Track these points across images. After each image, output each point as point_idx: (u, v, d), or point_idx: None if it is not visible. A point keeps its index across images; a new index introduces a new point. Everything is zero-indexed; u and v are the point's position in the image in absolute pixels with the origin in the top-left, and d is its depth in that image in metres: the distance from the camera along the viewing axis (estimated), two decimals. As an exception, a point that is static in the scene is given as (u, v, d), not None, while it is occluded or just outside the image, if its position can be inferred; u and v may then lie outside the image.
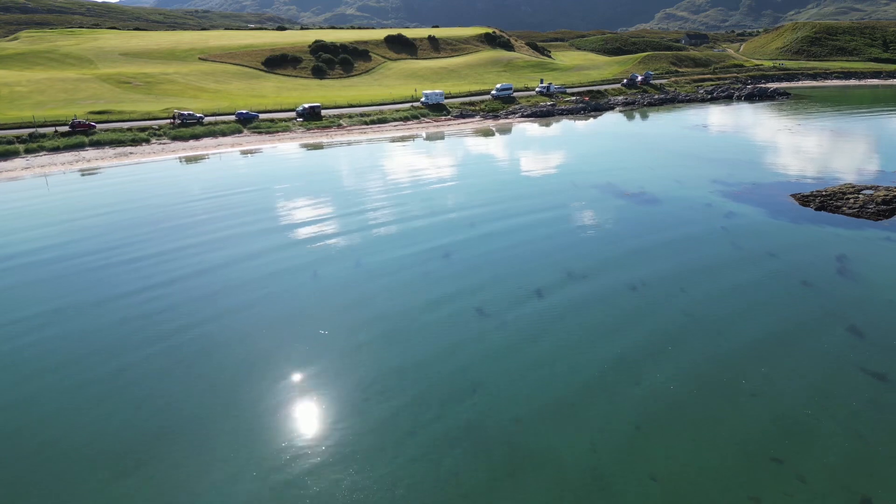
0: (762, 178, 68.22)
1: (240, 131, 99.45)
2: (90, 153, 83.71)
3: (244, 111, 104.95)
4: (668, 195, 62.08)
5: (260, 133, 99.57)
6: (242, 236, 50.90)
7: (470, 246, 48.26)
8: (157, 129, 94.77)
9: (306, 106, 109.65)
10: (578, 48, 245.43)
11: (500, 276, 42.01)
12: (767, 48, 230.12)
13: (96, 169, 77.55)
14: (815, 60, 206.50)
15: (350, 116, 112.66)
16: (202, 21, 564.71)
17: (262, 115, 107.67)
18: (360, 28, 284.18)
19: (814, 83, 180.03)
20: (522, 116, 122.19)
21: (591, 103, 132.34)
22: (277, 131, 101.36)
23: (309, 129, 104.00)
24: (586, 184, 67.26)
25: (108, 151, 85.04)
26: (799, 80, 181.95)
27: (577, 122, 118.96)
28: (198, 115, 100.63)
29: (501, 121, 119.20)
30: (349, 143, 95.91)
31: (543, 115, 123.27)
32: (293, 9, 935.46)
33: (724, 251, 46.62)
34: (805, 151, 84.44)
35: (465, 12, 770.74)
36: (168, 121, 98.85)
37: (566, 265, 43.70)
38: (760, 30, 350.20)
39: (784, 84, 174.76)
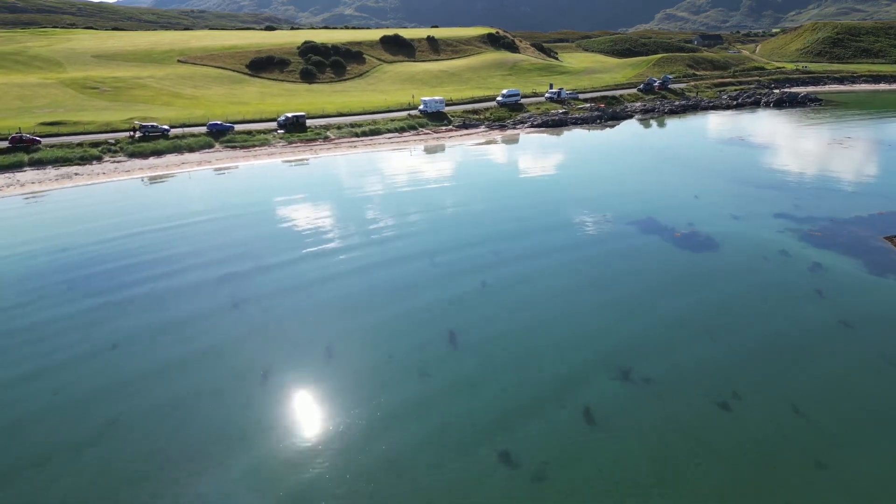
0: (838, 212, 55.39)
1: (210, 146, 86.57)
2: (28, 175, 70.80)
3: (217, 122, 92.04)
4: (728, 237, 49.29)
5: (233, 148, 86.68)
6: (171, 294, 37.97)
7: (473, 330, 35.28)
8: (112, 145, 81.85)
9: (289, 115, 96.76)
10: (586, 49, 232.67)
11: (518, 381, 29.18)
12: (786, 49, 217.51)
13: (32, 195, 64.67)
14: (839, 63, 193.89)
15: (339, 127, 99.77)
16: (197, 21, 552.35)
17: (238, 126, 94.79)
18: (355, 28, 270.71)
19: (840, 87, 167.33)
20: (532, 126, 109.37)
21: (608, 111, 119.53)
22: (254, 145, 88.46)
23: (291, 143, 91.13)
24: (622, 218, 54.41)
25: (50, 172, 72.12)
26: (825, 83, 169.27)
27: (593, 132, 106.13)
28: (163, 126, 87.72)
29: (509, 132, 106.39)
30: (335, 161, 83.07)
31: (555, 124, 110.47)
32: (291, 9, 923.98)
33: (831, 334, 33.90)
34: (873, 173, 71.67)
35: (465, 12, 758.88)
36: (128, 133, 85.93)
37: (613, 357, 30.98)
38: (777, 30, 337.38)
39: (810, 88, 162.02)
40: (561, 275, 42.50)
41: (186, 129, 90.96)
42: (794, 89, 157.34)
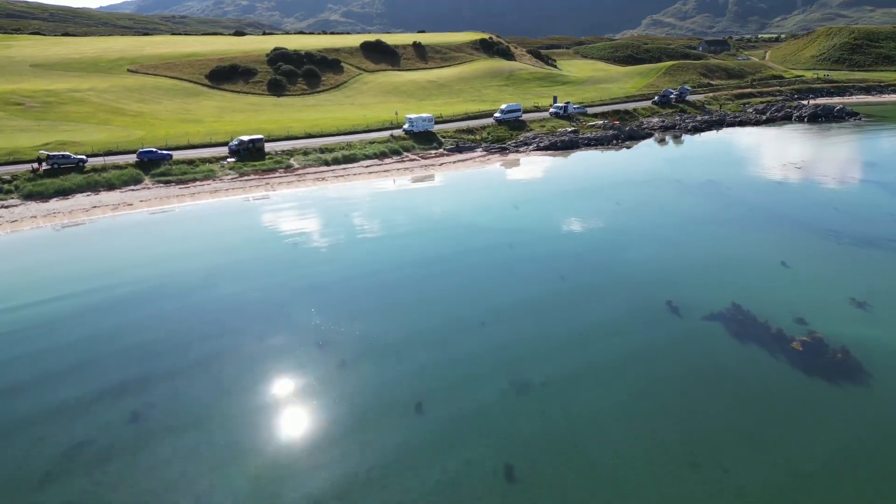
0: None
1: (137, 181, 68.35)
2: None
3: (151, 149, 73.75)
4: (873, 352, 31.93)
5: (167, 184, 68.50)
6: None
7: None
8: (6, 182, 63.35)
9: (243, 139, 78.73)
10: (584, 56, 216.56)
11: None
12: (800, 56, 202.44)
13: None
14: (860, 70, 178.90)
15: (305, 153, 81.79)
16: (177, 27, 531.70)
17: (180, 153, 76.66)
18: (337, 34, 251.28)
19: (869, 98, 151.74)
20: (539, 149, 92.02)
21: (624, 129, 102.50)
22: (194, 179, 70.33)
23: (242, 175, 73.07)
24: (693, 306, 36.94)
25: None
26: (851, 94, 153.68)
27: (611, 156, 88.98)
28: (77, 156, 69.37)
29: (511, 155, 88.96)
30: (295, 199, 65.09)
31: (565, 146, 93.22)
32: (276, 14, 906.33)
33: None
34: None
35: (452, 19, 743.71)
36: (31, 166, 67.51)
37: None
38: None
39: (836, 99, 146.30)
40: (612, 433, 24.97)
41: (111, 159, 72.66)
42: (820, 100, 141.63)
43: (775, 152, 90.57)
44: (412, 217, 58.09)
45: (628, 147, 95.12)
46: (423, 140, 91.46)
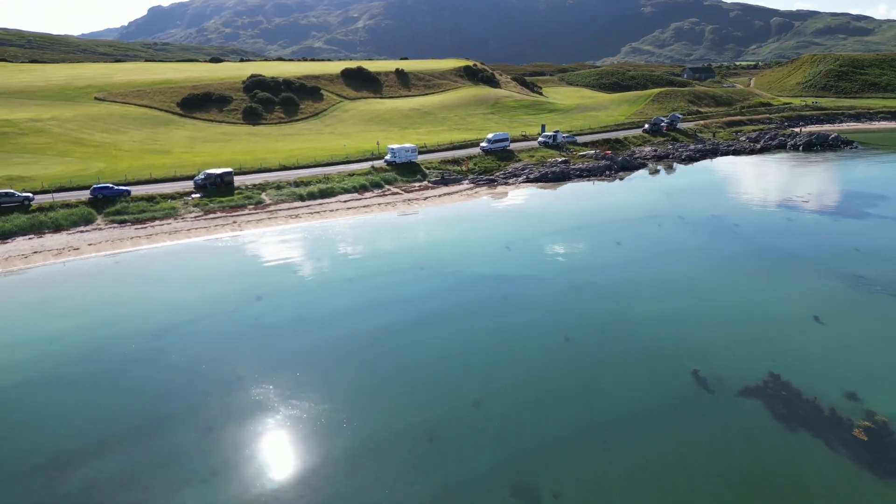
0: None
1: (89, 220, 61.69)
2: None
3: (106, 185, 67.20)
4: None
5: (122, 224, 61.90)
6: None
7: None
8: (-64, 224, 56.41)
9: (210, 173, 72.56)
10: (570, 83, 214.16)
11: None
12: (785, 83, 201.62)
13: None
14: (847, 98, 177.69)
15: (279, 187, 75.72)
16: (158, 54, 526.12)
17: (140, 189, 70.24)
18: (319, 60, 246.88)
19: (859, 125, 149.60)
20: (529, 181, 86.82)
21: (617, 159, 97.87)
22: (154, 218, 63.82)
23: (208, 212, 66.69)
24: (722, 377, 31.25)
25: None
26: (841, 121, 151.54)
27: (605, 188, 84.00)
28: (22, 194, 62.68)
29: (500, 188, 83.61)
30: (264, 240, 58.79)
31: (556, 178, 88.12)
32: (260, 42, 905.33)
33: None
34: None
35: (435, 46, 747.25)
36: (-31, 205, 60.65)
37: None
38: (762, 62, 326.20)
39: (826, 127, 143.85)
40: None
41: (62, 196, 65.96)
42: (811, 128, 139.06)
43: (777, 184, 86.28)
44: (393, 263, 51.98)
45: (621, 178, 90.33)
46: (406, 172, 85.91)
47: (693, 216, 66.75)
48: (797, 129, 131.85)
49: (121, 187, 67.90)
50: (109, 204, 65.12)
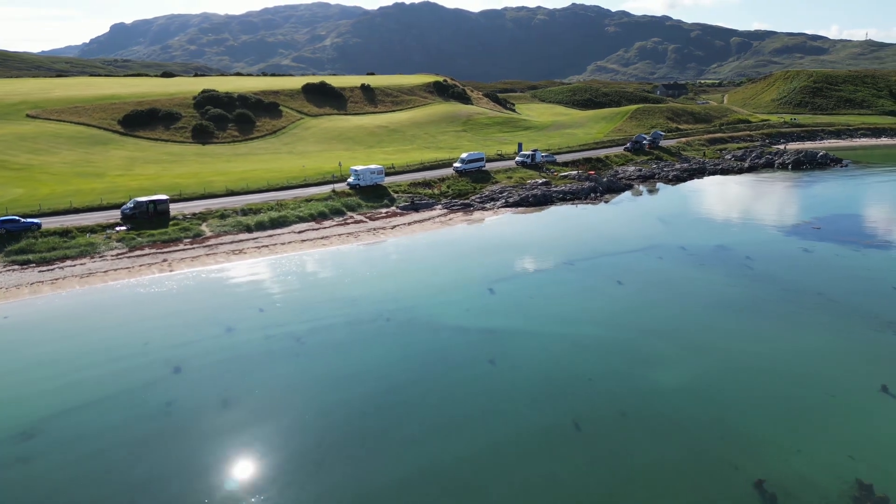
0: None
1: (-18, 262, 50.78)
2: None
3: (12, 217, 56.32)
4: None
5: (25, 265, 51.12)
6: None
7: None
8: None
9: (140, 201, 62.15)
10: (542, 100, 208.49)
11: None
12: (759, 100, 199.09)
13: None
14: (823, 114, 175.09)
15: (223, 215, 65.63)
16: (117, 70, 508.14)
17: (54, 220, 59.52)
18: (279, 76, 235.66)
19: (840, 142, 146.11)
20: (508, 205, 78.34)
21: (602, 180, 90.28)
22: (66, 257, 53.16)
23: (134, 249, 56.26)
24: (797, 496, 22.34)
25: None
26: (821, 138, 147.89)
27: (592, 212, 76.07)
28: None
29: (477, 214, 74.95)
30: (199, 286, 48.74)
31: (538, 202, 79.90)
32: (226, 59, 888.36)
33: None
34: None
35: (405, 63, 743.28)
36: None
37: None
38: (741, 80, 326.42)
39: (807, 144, 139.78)
40: None
41: (-46, 231, 54.81)
42: (794, 145, 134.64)
43: (778, 207, 79.64)
44: (353, 312, 42.42)
45: (607, 201, 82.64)
46: (371, 196, 76.65)
47: (695, 247, 58.89)
48: (782, 147, 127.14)
49: (29, 220, 57.04)
50: (14, 240, 54.24)
